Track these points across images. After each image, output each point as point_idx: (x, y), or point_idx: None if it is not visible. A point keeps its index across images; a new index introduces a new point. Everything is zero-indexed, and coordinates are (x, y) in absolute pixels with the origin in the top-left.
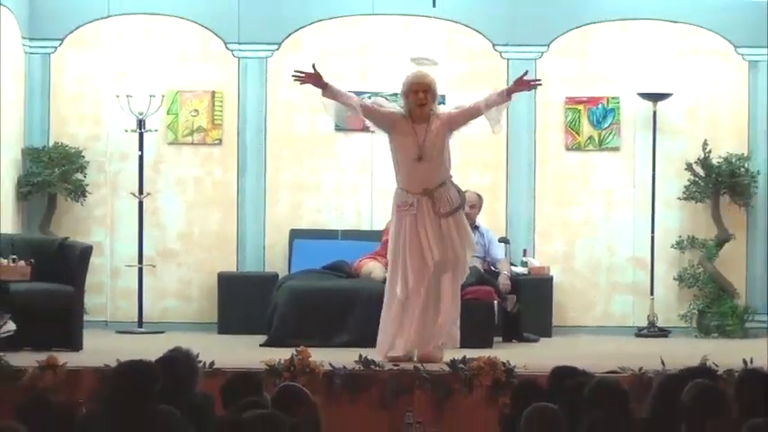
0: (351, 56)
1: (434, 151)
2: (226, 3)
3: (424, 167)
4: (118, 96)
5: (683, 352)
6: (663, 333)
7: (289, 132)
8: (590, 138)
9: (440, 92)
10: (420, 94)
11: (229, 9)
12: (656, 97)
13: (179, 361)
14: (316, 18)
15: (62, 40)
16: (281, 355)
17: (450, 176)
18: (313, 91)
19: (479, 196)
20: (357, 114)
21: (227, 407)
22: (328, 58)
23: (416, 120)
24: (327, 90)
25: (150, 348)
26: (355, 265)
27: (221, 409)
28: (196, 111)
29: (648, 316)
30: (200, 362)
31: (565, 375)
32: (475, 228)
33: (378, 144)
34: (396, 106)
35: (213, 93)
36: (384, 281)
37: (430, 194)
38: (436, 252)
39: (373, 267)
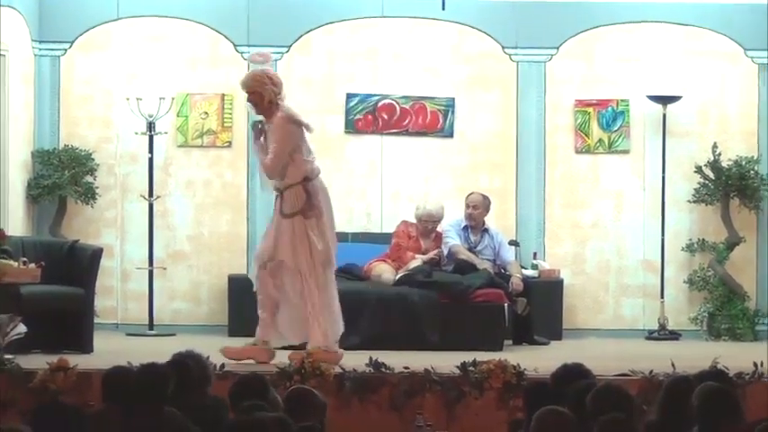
0: (360, 58)
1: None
2: (235, 5)
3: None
4: (128, 99)
5: (694, 355)
6: (673, 336)
7: None
8: (600, 140)
9: (448, 95)
10: (248, 96)
11: (239, 12)
12: (665, 100)
13: (190, 364)
14: (325, 21)
15: (72, 42)
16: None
17: (309, 179)
18: (323, 93)
19: (485, 197)
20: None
21: (234, 409)
22: (337, 60)
23: (267, 119)
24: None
25: (161, 351)
26: (365, 268)
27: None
28: (206, 113)
29: (659, 319)
30: (212, 365)
31: (571, 376)
32: (484, 230)
33: (387, 146)
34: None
35: (223, 95)
36: (394, 283)
37: (281, 194)
38: (267, 252)
39: (383, 270)
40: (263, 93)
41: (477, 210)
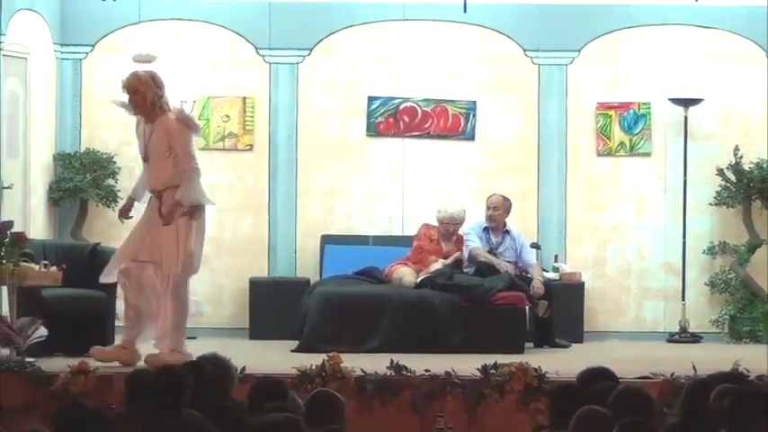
0: (381, 61)
1: (156, 153)
2: (257, 8)
3: (151, 168)
4: None
5: (715, 357)
6: (694, 339)
7: (319, 137)
8: (621, 143)
9: (470, 98)
10: (130, 96)
11: (260, 15)
12: (687, 102)
13: (206, 366)
14: (346, 24)
15: (93, 45)
16: (313, 360)
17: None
18: (344, 96)
19: (505, 199)
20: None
21: (252, 412)
22: (359, 63)
23: (147, 120)
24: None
25: None
26: (386, 271)
27: None
28: (227, 116)
29: (680, 321)
30: (234, 367)
31: (596, 378)
32: (506, 232)
33: (409, 149)
34: None
35: (244, 98)
36: (415, 286)
37: (158, 196)
38: (146, 253)
39: (404, 273)
40: (146, 93)
41: (498, 211)
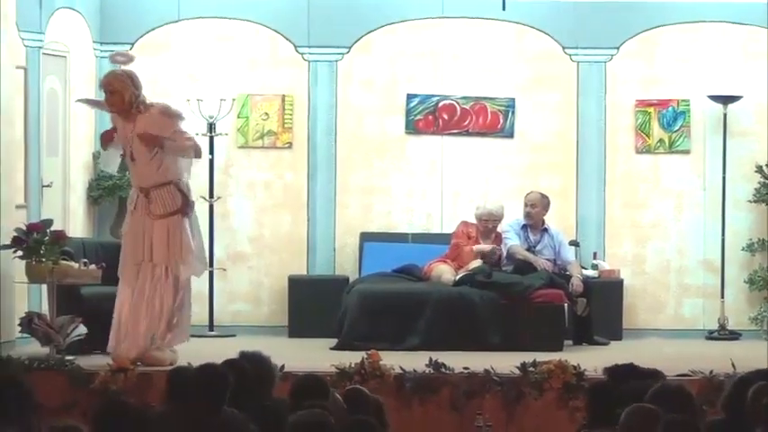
0: (420, 59)
1: (140, 152)
2: (296, 6)
3: (136, 167)
4: (188, 100)
5: (754, 355)
6: (734, 336)
7: (359, 135)
8: (660, 140)
9: (509, 95)
10: (107, 95)
11: (299, 13)
12: (726, 99)
13: (245, 365)
14: (385, 21)
15: (133, 44)
16: (352, 358)
17: (179, 180)
18: (383, 93)
19: (543, 196)
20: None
21: (293, 410)
22: (397, 60)
23: (124, 119)
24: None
25: (221, 352)
26: (425, 269)
27: None
28: (266, 114)
29: (719, 319)
30: (275, 366)
31: (622, 374)
32: (544, 230)
33: (447, 147)
34: None
35: (283, 96)
36: (454, 284)
37: (146, 194)
38: (139, 254)
39: (443, 270)
40: (123, 93)
41: (536, 208)
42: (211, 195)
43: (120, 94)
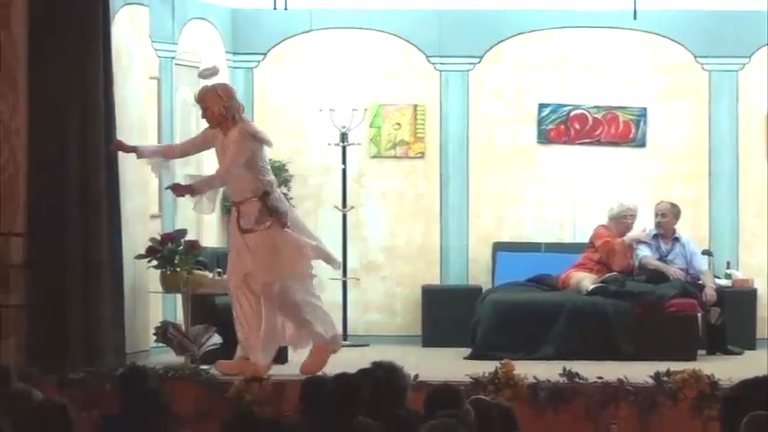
0: (551, 68)
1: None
2: (427, 17)
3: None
4: (321, 110)
5: None
6: None
7: (490, 145)
8: None
9: (641, 105)
10: (202, 111)
11: (430, 23)
12: None
13: (380, 374)
14: (516, 31)
15: (265, 54)
16: (486, 367)
17: (268, 193)
18: (514, 103)
19: (673, 205)
20: (168, 158)
21: (427, 420)
22: (527, 70)
23: (222, 132)
24: (139, 153)
25: (355, 361)
26: (562, 277)
27: None
28: (398, 124)
29: None
30: (408, 375)
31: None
32: (675, 239)
33: (579, 156)
34: None
35: (415, 106)
36: (587, 293)
37: (237, 207)
38: (234, 266)
39: (583, 277)
40: (213, 108)
41: (666, 218)
42: (344, 205)
43: (210, 109)
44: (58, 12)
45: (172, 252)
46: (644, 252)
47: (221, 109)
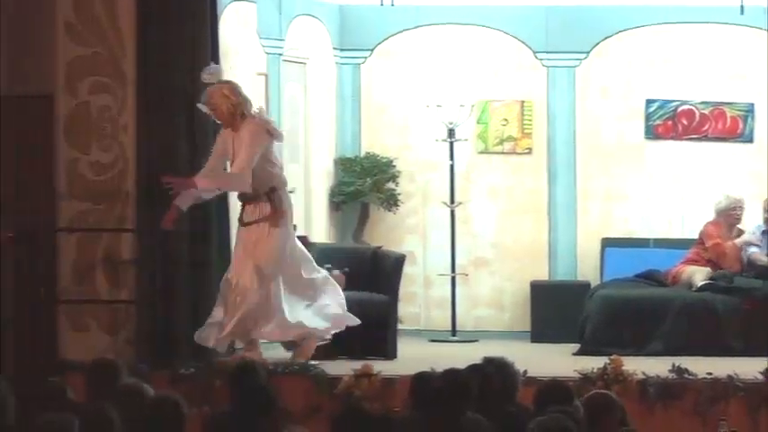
0: (657, 64)
1: None
2: (533, 12)
3: None
4: (428, 106)
5: None
6: None
7: (597, 141)
8: None
9: (748, 100)
10: (212, 113)
11: (537, 19)
12: None
13: (490, 370)
14: (622, 27)
15: (372, 50)
16: (595, 363)
17: (275, 189)
18: (621, 99)
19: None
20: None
21: (537, 416)
22: (635, 66)
23: (234, 130)
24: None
25: (464, 357)
26: (672, 272)
27: None
28: (506, 120)
29: None
30: (518, 371)
31: None
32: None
33: (687, 152)
34: None
35: (522, 102)
36: (696, 289)
37: (244, 201)
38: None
39: (695, 271)
40: (221, 107)
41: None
42: (452, 201)
43: (219, 109)
44: (166, 7)
45: None
46: (752, 249)
47: (229, 107)
